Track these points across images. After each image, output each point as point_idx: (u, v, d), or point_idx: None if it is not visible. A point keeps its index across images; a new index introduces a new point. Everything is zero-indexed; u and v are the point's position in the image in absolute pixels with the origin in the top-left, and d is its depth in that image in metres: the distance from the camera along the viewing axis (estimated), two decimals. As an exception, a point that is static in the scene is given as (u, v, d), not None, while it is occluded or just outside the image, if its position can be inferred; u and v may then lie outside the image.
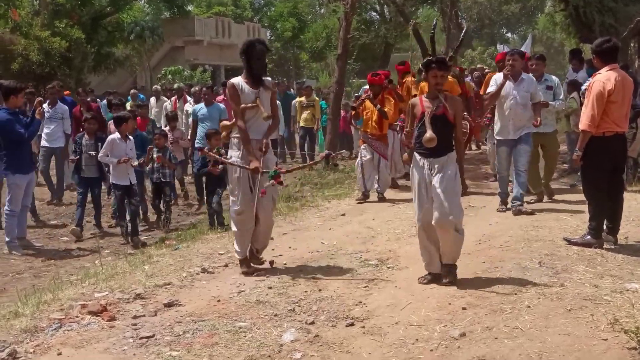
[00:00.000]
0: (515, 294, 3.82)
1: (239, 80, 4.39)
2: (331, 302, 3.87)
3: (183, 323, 3.52)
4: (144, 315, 3.72)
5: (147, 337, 3.37)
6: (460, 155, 4.09)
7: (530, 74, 6.15)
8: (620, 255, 4.50)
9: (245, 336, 3.32)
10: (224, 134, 4.80)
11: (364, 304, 3.82)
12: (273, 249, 5.28)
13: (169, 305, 3.86)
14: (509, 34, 25.81)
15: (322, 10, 23.73)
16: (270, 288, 4.18)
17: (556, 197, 6.69)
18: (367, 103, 7.26)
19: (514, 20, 25.11)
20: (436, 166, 3.96)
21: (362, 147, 7.41)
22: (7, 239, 5.98)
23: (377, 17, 21.51)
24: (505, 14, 23.88)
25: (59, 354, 3.24)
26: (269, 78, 4.51)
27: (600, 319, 3.30)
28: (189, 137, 8.62)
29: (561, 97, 6.62)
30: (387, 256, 5.02)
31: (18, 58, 16.30)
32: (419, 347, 3.13)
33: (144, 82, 19.45)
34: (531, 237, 5.13)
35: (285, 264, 4.87)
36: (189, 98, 10.89)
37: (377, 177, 7.28)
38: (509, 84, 5.89)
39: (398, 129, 7.66)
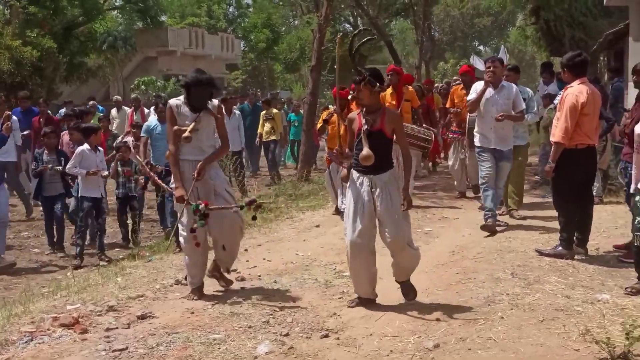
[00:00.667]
0: (489, 305, 3.90)
1: (179, 102, 4.25)
2: (306, 313, 3.90)
3: (156, 335, 3.51)
4: (117, 328, 3.70)
5: (120, 350, 3.37)
6: (407, 170, 3.95)
7: (513, 84, 6.03)
8: (592, 266, 4.62)
9: (219, 348, 3.32)
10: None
11: (339, 315, 3.86)
12: (247, 261, 5.29)
13: (142, 317, 3.84)
14: (481, 47, 26.56)
15: (296, 22, 24.17)
16: (244, 299, 4.20)
17: (528, 209, 6.83)
18: (334, 117, 7.00)
19: (486, 33, 25.80)
20: (378, 184, 3.80)
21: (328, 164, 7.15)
22: None
23: (351, 29, 21.84)
24: (478, 27, 24.53)
25: None
26: (215, 102, 4.31)
27: (572, 329, 3.38)
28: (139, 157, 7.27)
29: (535, 110, 6.65)
30: None
31: None
32: (394, 358, 3.17)
33: (117, 92, 19.41)
34: (504, 248, 5.24)
35: (259, 275, 4.88)
36: (146, 110, 10.85)
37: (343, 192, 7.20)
38: (489, 92, 5.82)
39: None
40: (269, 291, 4.48)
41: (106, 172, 6.25)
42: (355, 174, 3.87)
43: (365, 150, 3.69)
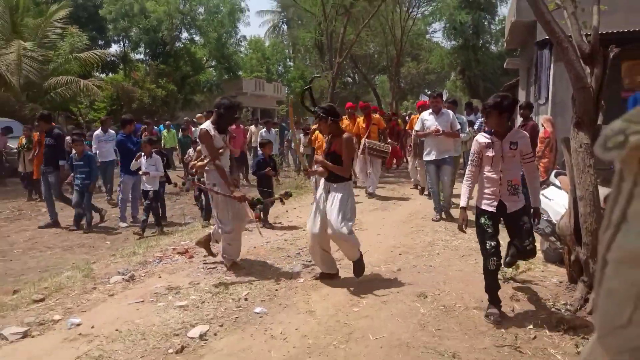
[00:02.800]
0: (430, 246, 5.69)
1: (210, 127, 4.80)
2: None
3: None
4: (210, 256, 5.56)
5: (212, 268, 5.04)
6: (340, 169, 4.41)
7: (449, 111, 7.61)
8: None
9: (270, 268, 5.02)
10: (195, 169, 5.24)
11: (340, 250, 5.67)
12: (288, 217, 7.25)
13: None
14: (428, 92, 36.55)
15: (319, 76, 34.81)
16: (285, 240, 6.12)
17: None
18: (319, 134, 8.44)
19: (432, 83, 36.44)
20: (330, 189, 4.44)
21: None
22: (119, 215, 8.11)
23: (351, 79, 36.83)
24: (427, 79, 34.92)
25: (159, 277, 4.84)
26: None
27: (480, 261, 4.81)
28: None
29: (467, 130, 8.78)
30: (355, 223, 6.81)
31: (136, 101, 25.25)
32: (373, 276, 4.72)
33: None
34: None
35: (294, 228, 6.77)
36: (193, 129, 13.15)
37: None
38: (432, 118, 7.35)
39: None
40: (300, 234, 6.31)
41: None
42: (322, 180, 4.61)
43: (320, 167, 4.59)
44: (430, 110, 7.56)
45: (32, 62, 16.50)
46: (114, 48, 32.44)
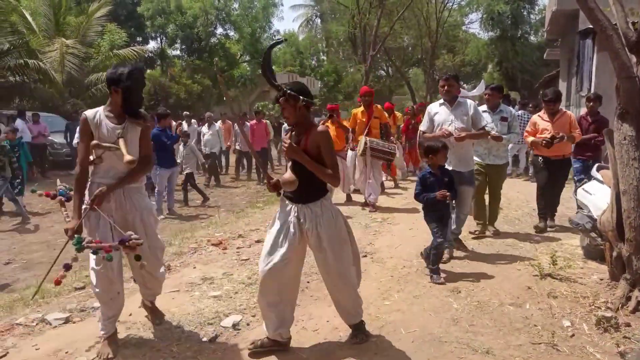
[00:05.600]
0: (465, 241, 5.51)
1: (98, 113, 3.10)
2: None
3: None
4: (243, 247, 5.57)
5: (245, 260, 5.08)
6: (324, 175, 2.90)
7: (468, 100, 5.22)
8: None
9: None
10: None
11: (373, 244, 5.62)
12: None
13: (258, 241, 5.75)
14: (465, 85, 35.76)
15: (352, 69, 37.62)
16: None
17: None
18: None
19: (468, 76, 35.10)
20: (307, 214, 2.91)
21: None
22: (155, 208, 8.19)
23: (384, 73, 37.41)
24: (463, 72, 33.58)
25: (194, 267, 4.92)
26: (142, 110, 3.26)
27: (515, 258, 4.95)
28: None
29: (517, 130, 5.72)
30: (387, 217, 6.91)
31: (172, 96, 26.19)
32: (405, 270, 4.69)
33: (246, 111, 28.04)
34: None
35: None
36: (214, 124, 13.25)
37: None
38: (444, 110, 4.99)
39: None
40: None
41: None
42: (285, 199, 3.02)
43: (287, 174, 2.97)
44: (442, 101, 5.10)
45: (74, 59, 17.07)
46: (152, 44, 33.26)
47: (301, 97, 2.90)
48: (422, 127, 5.19)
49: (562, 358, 3.03)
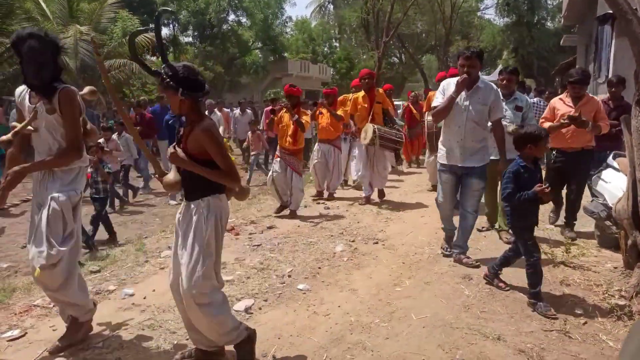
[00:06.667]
0: (477, 228, 5.57)
1: (23, 90, 2.93)
2: (365, 229, 5.70)
3: (277, 238, 5.36)
4: (255, 233, 5.61)
5: (257, 245, 5.12)
6: (218, 174, 2.55)
7: (493, 84, 4.50)
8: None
9: (314, 246, 5.07)
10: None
11: (384, 231, 5.64)
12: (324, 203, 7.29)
13: (269, 227, 5.80)
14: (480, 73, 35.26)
15: (364, 56, 37.76)
16: (328, 220, 6.17)
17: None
18: (285, 115, 6.49)
19: (483, 62, 35.10)
20: (183, 211, 2.64)
21: (275, 160, 6.58)
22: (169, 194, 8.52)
23: (397, 60, 37.19)
24: None
25: None
26: (68, 87, 2.84)
27: None
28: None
29: (532, 121, 4.90)
30: (399, 206, 6.88)
31: None
32: (416, 257, 4.70)
33: (257, 98, 28.78)
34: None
35: (337, 206, 6.79)
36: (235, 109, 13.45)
37: (289, 193, 6.49)
38: (460, 95, 4.28)
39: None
40: (342, 215, 6.35)
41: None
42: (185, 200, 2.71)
43: (172, 174, 2.76)
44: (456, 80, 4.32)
45: (87, 45, 17.17)
46: (164, 31, 33.16)
47: (180, 89, 2.49)
48: (435, 103, 4.45)
49: (574, 345, 3.02)
